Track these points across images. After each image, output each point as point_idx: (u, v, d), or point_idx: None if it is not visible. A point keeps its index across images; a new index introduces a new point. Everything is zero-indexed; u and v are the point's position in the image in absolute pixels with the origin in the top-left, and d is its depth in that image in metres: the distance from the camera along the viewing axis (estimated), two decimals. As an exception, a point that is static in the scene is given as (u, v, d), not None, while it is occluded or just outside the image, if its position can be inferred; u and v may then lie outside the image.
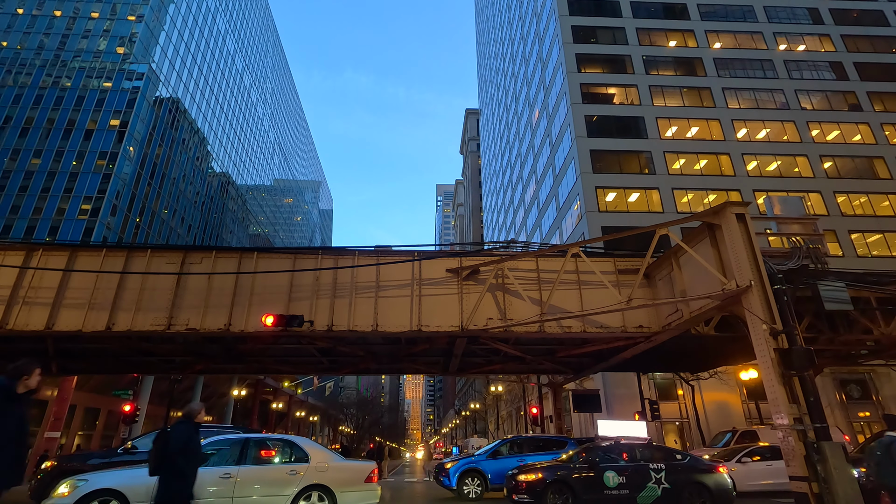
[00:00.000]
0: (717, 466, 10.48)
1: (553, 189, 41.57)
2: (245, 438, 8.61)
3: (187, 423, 6.11)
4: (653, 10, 42.07)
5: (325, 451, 8.73)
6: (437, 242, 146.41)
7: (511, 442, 15.25)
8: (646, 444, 11.22)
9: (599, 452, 10.68)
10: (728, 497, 10.14)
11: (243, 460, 8.23)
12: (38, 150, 49.15)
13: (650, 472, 10.13)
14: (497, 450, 14.79)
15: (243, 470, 8.07)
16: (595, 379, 28.59)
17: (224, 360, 15.84)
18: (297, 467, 8.28)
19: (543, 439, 15.37)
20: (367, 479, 8.65)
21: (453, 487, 13.71)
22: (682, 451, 10.97)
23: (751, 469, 13.76)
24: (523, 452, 14.55)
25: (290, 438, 8.89)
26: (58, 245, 12.60)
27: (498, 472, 13.78)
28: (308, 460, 8.39)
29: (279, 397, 60.90)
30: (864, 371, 28.36)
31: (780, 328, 8.94)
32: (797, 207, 11.88)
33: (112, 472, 7.90)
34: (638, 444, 11.14)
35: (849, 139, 37.07)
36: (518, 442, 15.24)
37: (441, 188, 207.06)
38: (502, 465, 13.99)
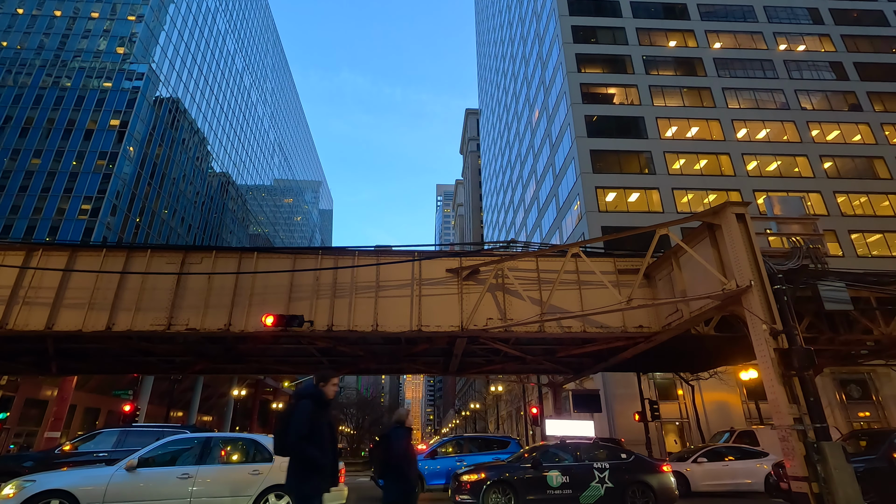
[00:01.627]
0: (661, 466, 10.45)
1: (553, 189, 41.57)
2: (206, 438, 8.45)
3: (401, 427, 6.20)
4: (653, 10, 42.07)
5: None
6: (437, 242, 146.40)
7: (451, 441, 15.00)
8: (591, 444, 11.17)
9: (544, 452, 10.59)
10: (671, 496, 10.11)
11: (203, 460, 8.05)
12: (38, 150, 49.16)
13: (594, 471, 10.08)
14: (436, 449, 14.55)
15: (203, 470, 7.89)
16: (595, 379, 28.58)
17: (224, 360, 15.84)
18: (260, 467, 8.11)
19: (485, 439, 15.16)
20: None
21: None
22: (627, 451, 10.90)
23: (706, 469, 13.79)
24: (463, 452, 14.31)
25: (254, 438, 8.70)
26: (58, 245, 12.60)
27: (435, 472, 13.57)
28: (272, 460, 8.21)
29: (279, 397, 60.92)
30: (864, 371, 28.36)
31: (780, 328, 8.94)
32: (797, 207, 11.88)
33: (63, 473, 7.70)
34: (583, 444, 11.07)
35: (849, 139, 37.07)
36: (459, 441, 14.98)
37: (441, 188, 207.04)
38: (440, 464, 13.80)
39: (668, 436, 27.88)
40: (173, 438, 8.40)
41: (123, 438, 11.25)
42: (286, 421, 4.74)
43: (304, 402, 4.81)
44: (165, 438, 8.38)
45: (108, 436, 11.39)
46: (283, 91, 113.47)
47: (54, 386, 30.13)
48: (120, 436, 11.31)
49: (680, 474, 13.64)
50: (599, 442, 11.63)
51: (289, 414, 4.79)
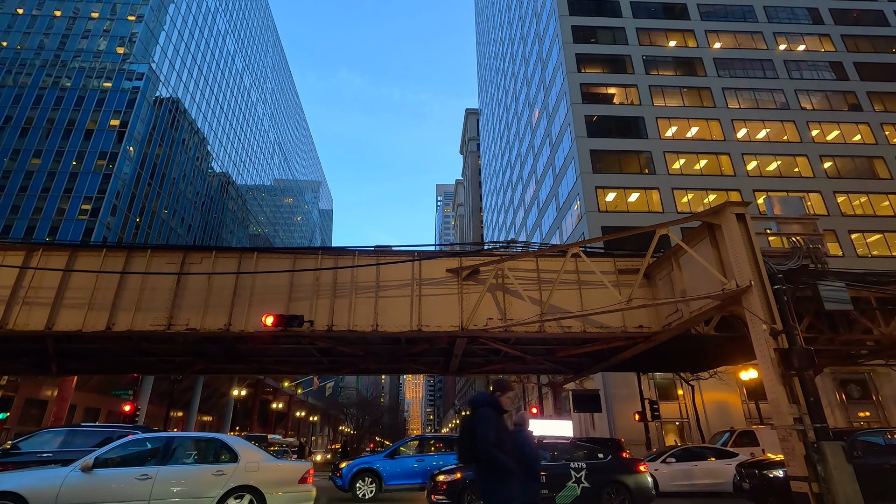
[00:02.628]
0: (638, 465, 10.41)
1: (553, 189, 41.57)
2: (168, 437, 8.22)
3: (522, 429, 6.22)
4: (653, 10, 42.07)
5: (257, 451, 8.40)
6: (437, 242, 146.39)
7: (413, 441, 14.78)
8: (569, 444, 11.04)
9: None
10: (647, 496, 10.07)
11: (164, 460, 7.83)
12: (38, 150, 49.17)
13: (571, 471, 9.99)
14: (396, 449, 14.29)
15: (163, 470, 7.65)
16: (595, 379, 28.58)
17: (224, 360, 15.85)
18: (223, 468, 7.90)
19: (449, 438, 14.92)
20: (301, 480, 8.30)
21: (345, 488, 13.13)
22: (605, 450, 10.82)
23: (674, 470, 13.83)
24: (424, 452, 14.11)
25: (219, 437, 8.48)
26: (58, 245, 12.60)
27: (395, 473, 13.39)
28: (237, 460, 8.04)
29: (279, 397, 60.93)
30: (864, 371, 28.35)
31: (780, 328, 8.94)
32: (797, 207, 11.88)
33: (12, 475, 7.34)
34: (560, 443, 10.95)
35: (849, 139, 37.07)
36: (421, 441, 14.75)
37: (441, 188, 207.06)
38: (400, 464, 13.58)
39: (668, 436, 27.88)
40: (133, 438, 8.15)
41: (70, 439, 10.89)
42: (471, 430, 4.77)
43: (485, 410, 4.85)
44: (124, 439, 8.13)
45: (54, 436, 11.04)
46: (283, 91, 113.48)
47: (54, 386, 30.13)
48: (67, 436, 10.93)
49: None
50: (577, 442, 11.45)
51: (471, 423, 4.83)
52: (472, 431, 4.73)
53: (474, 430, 4.72)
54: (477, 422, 4.76)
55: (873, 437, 11.12)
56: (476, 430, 4.71)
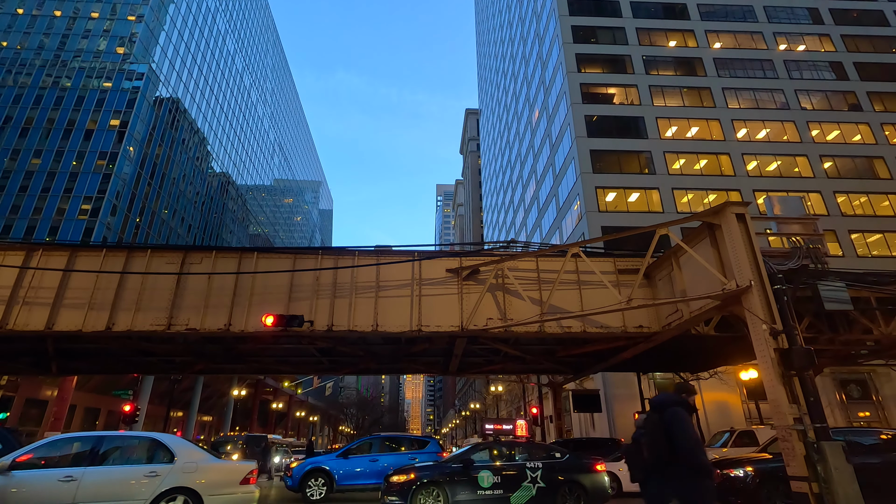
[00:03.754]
0: (595, 465, 10.38)
1: (553, 189, 41.57)
2: (97, 436, 7.84)
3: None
4: (653, 10, 42.07)
5: (197, 450, 8.11)
6: (437, 242, 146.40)
7: (368, 440, 14.57)
8: (525, 443, 10.96)
9: (475, 452, 10.45)
10: (603, 495, 10.05)
11: (92, 461, 7.44)
12: (38, 150, 49.18)
13: (526, 471, 9.92)
14: (350, 448, 14.01)
15: (90, 472, 7.24)
16: (595, 379, 28.59)
17: (224, 360, 15.85)
18: (158, 468, 7.58)
19: (404, 438, 14.77)
20: (243, 481, 8.02)
21: (295, 488, 12.88)
22: (562, 450, 10.75)
23: None
24: (378, 452, 13.85)
25: (154, 436, 8.12)
26: (58, 245, 12.60)
27: (347, 473, 13.19)
28: (174, 461, 7.73)
29: (279, 397, 60.92)
30: (864, 371, 28.35)
31: (780, 328, 8.94)
32: (797, 207, 11.88)
33: None
34: (517, 443, 10.87)
35: (849, 139, 37.07)
36: (376, 440, 14.53)
37: (441, 188, 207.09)
38: (353, 464, 13.31)
39: (668, 436, 27.89)
40: (58, 438, 7.83)
41: None
42: (666, 431, 4.79)
43: (677, 410, 4.85)
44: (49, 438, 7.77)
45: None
46: (283, 91, 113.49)
47: (54, 386, 30.13)
48: None
49: (611, 474, 13.81)
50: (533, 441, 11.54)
51: (665, 424, 4.83)
52: (668, 432, 4.75)
53: (670, 430, 4.75)
54: (673, 422, 4.78)
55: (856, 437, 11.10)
56: (674, 430, 4.73)
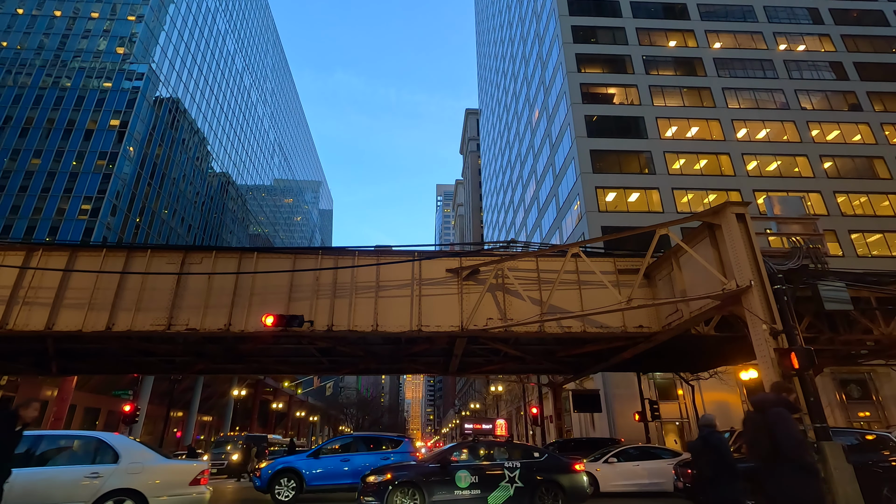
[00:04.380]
0: (573, 465, 10.35)
1: (553, 189, 41.58)
2: (34, 436, 7.44)
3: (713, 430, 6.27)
4: (653, 10, 42.07)
5: (144, 450, 7.76)
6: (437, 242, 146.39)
7: (340, 440, 14.27)
8: (504, 442, 10.93)
9: (454, 451, 10.37)
10: (582, 496, 10.03)
11: (27, 462, 7.01)
12: (38, 150, 49.17)
13: (505, 471, 9.85)
14: (321, 448, 13.63)
15: (24, 474, 6.76)
16: (595, 379, 28.58)
17: (224, 360, 15.85)
18: (100, 469, 7.19)
19: (377, 438, 14.49)
20: (193, 482, 7.72)
21: (263, 489, 12.48)
22: (541, 449, 10.71)
23: (616, 470, 13.90)
24: (351, 451, 13.52)
25: (97, 436, 7.73)
26: (58, 245, 12.60)
27: (318, 473, 12.80)
28: (118, 461, 7.36)
29: (279, 397, 60.91)
30: (864, 371, 28.35)
31: (780, 328, 8.94)
32: (797, 207, 11.88)
33: None
34: (496, 443, 10.86)
35: (849, 139, 37.07)
36: (348, 440, 14.25)
37: (441, 188, 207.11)
38: (323, 464, 12.95)
39: (668, 436, 27.88)
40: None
41: None
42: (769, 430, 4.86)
43: (781, 410, 4.92)
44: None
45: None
46: (282, 91, 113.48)
47: (54, 386, 30.13)
48: None
49: (589, 474, 13.86)
50: (513, 441, 11.29)
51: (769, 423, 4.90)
52: (771, 431, 4.83)
53: (774, 430, 4.82)
54: (777, 423, 4.85)
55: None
56: (779, 430, 4.80)
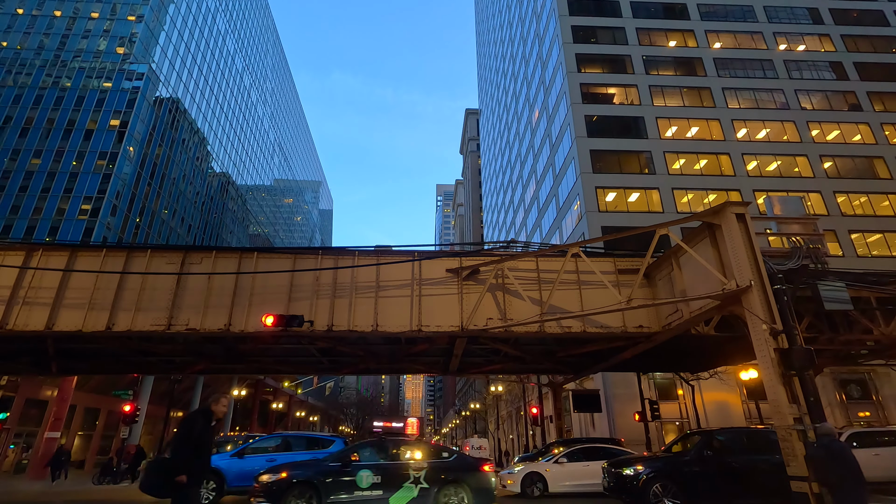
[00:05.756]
0: (482, 465, 10.23)
1: (553, 189, 41.57)
2: None
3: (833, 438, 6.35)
4: (653, 10, 42.07)
5: None
6: (437, 242, 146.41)
7: (266, 439, 13.67)
8: (412, 442, 10.69)
9: (356, 450, 10.09)
10: (489, 496, 9.88)
11: None
12: (38, 150, 49.15)
13: (410, 471, 9.57)
14: (246, 448, 13.03)
15: None
16: (595, 379, 28.58)
17: (224, 360, 15.85)
18: None
19: (308, 437, 13.87)
20: None
21: None
22: (450, 449, 10.50)
23: (566, 470, 13.94)
24: (279, 451, 12.95)
25: None
26: (58, 245, 12.60)
27: (240, 474, 12.26)
28: None
29: (279, 397, 60.86)
30: (864, 371, 28.34)
31: (780, 328, 8.94)
32: (797, 207, 11.88)
33: None
34: (403, 442, 10.59)
35: (849, 139, 37.06)
36: (276, 439, 13.63)
37: (441, 188, 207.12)
38: (247, 464, 12.36)
39: (668, 436, 27.87)
40: None
41: None
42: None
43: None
44: None
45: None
46: (282, 91, 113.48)
47: (54, 386, 30.11)
48: None
49: (539, 474, 14.04)
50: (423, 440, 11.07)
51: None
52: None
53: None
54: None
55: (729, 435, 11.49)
56: None
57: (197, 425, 5.77)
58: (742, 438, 11.22)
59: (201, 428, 5.78)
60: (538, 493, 14.00)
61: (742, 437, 11.32)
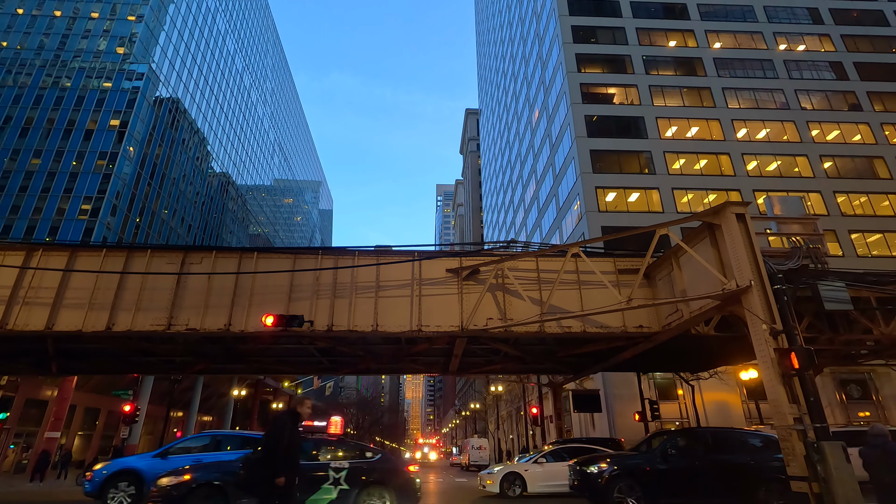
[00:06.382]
0: (406, 466, 10.04)
1: (553, 189, 41.57)
2: None
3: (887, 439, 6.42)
4: (653, 10, 42.07)
5: None
6: (437, 242, 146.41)
7: (193, 439, 12.64)
8: (334, 441, 10.15)
9: None
10: (412, 497, 9.63)
11: None
12: (38, 150, 49.16)
13: (330, 471, 9.11)
14: (170, 448, 12.16)
15: None
16: (595, 379, 28.58)
17: (224, 360, 15.85)
18: None
19: (235, 437, 12.78)
20: None
21: (94, 494, 10.88)
22: (375, 449, 10.11)
23: (545, 470, 14.01)
24: (208, 451, 12.04)
25: None
26: (58, 245, 12.60)
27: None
28: None
29: (279, 397, 60.86)
30: (864, 371, 28.35)
31: (780, 328, 8.94)
32: (797, 207, 11.88)
33: None
34: (324, 441, 9.98)
35: (849, 139, 37.06)
36: (203, 439, 12.58)
37: (441, 188, 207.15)
38: (172, 466, 11.33)
39: (668, 436, 27.88)
40: None
41: None
42: None
43: None
44: None
45: None
46: (282, 91, 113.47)
47: (54, 386, 30.13)
48: None
49: (518, 475, 14.17)
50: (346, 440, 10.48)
51: None
52: None
53: None
54: None
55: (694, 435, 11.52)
56: None
57: (287, 427, 5.89)
58: (707, 439, 11.19)
59: (291, 429, 5.90)
60: (517, 494, 14.04)
61: (707, 437, 11.29)
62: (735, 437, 11.24)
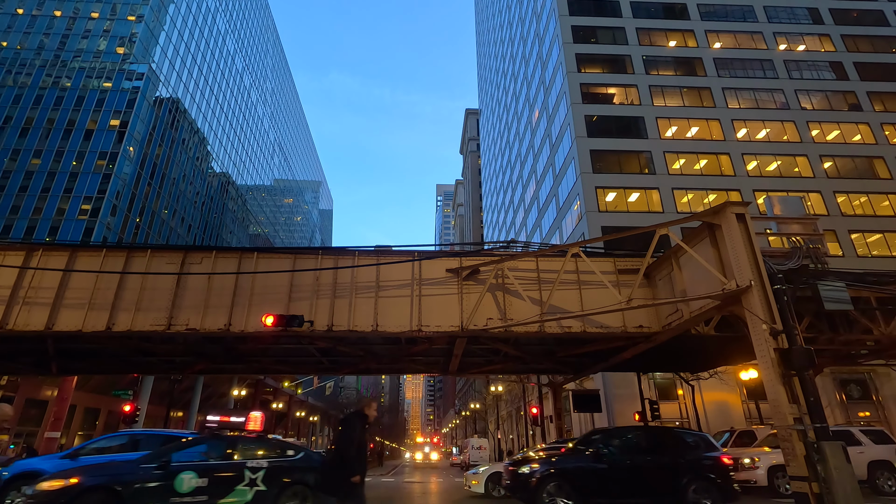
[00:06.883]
0: None
1: (553, 189, 41.57)
2: None
3: None
4: (653, 10, 42.07)
5: None
6: (437, 242, 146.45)
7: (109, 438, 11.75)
8: (252, 439, 9.33)
9: (178, 448, 8.62)
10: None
11: None
12: (38, 150, 49.17)
13: (245, 471, 8.44)
14: (82, 448, 11.28)
15: None
16: (595, 379, 28.58)
17: (224, 360, 15.84)
18: None
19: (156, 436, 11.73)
20: None
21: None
22: (297, 447, 9.49)
23: None
24: (125, 451, 11.12)
25: None
26: (58, 245, 12.59)
27: None
28: None
29: (279, 397, 60.86)
30: (864, 371, 28.36)
31: (780, 328, 8.93)
32: (797, 207, 11.87)
33: None
34: (241, 439, 9.20)
35: (849, 139, 37.07)
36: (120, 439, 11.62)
37: (441, 188, 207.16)
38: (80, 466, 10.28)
39: (668, 436, 27.90)
40: None
41: None
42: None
43: None
44: None
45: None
46: (282, 91, 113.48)
47: (54, 386, 30.11)
48: None
49: (502, 475, 13.97)
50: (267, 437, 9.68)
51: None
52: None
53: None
54: None
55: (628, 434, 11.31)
56: None
57: (357, 427, 6.04)
58: (640, 438, 11.11)
59: (360, 430, 6.04)
60: (501, 494, 14.02)
61: (640, 436, 11.21)
62: (669, 435, 11.16)
